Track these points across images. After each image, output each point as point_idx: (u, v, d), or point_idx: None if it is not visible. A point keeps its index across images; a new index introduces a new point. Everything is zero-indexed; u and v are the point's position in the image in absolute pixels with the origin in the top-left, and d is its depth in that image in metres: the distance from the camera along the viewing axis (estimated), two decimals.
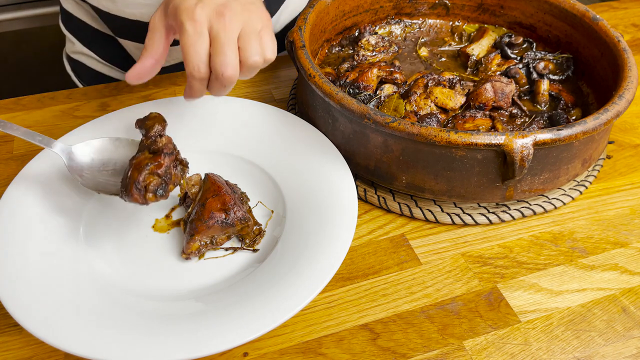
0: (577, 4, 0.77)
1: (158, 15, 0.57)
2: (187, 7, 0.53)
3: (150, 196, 0.52)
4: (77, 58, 0.96)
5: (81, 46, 0.93)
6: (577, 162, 0.63)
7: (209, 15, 0.53)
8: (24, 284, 0.52)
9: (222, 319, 0.50)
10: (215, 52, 0.53)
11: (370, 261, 0.61)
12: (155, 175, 0.53)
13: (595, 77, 0.75)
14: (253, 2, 0.57)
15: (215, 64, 0.53)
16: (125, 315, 0.51)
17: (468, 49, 0.81)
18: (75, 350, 0.47)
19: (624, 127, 0.78)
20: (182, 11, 0.53)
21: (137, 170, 0.53)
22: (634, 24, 1.00)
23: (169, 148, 0.55)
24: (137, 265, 0.57)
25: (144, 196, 0.52)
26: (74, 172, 0.58)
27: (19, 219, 0.57)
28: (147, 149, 0.55)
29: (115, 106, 0.80)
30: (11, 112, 0.79)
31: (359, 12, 0.83)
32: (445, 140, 0.57)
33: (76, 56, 0.96)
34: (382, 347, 0.53)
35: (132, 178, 0.52)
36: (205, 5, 0.53)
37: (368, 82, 0.71)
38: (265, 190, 0.64)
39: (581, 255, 0.62)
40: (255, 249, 0.59)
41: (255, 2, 0.57)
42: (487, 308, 0.57)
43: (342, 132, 0.65)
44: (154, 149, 0.55)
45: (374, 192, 0.67)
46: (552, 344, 0.54)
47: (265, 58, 0.56)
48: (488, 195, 0.62)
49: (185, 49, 0.53)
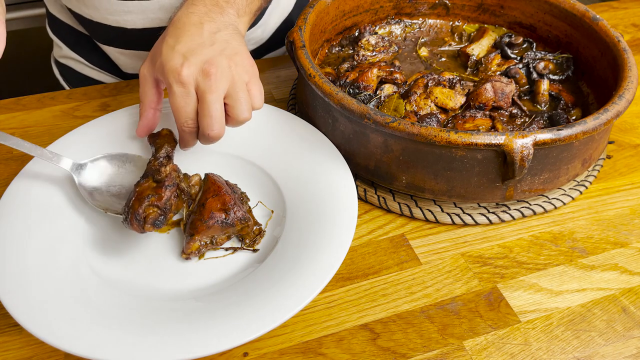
0: (577, 4, 0.77)
1: (147, 67, 0.60)
2: (174, 68, 0.54)
3: (148, 227, 0.54)
4: (65, 62, 0.96)
5: (68, 50, 0.93)
6: (577, 162, 0.63)
7: (195, 75, 0.54)
8: (24, 284, 0.52)
9: (222, 319, 0.50)
10: (202, 113, 0.55)
11: (370, 261, 0.61)
12: (155, 207, 0.54)
13: (595, 77, 0.75)
14: (237, 52, 0.57)
15: (202, 125, 0.55)
16: (125, 315, 0.51)
17: (468, 49, 0.81)
18: (75, 350, 0.47)
19: (624, 127, 0.78)
20: (168, 72, 0.55)
21: (139, 201, 0.54)
22: (634, 24, 1.00)
23: (171, 179, 0.57)
24: (137, 266, 0.57)
25: (142, 227, 0.54)
26: (84, 191, 0.60)
27: (19, 219, 0.57)
28: (151, 176, 0.57)
29: (115, 106, 0.80)
30: (11, 112, 0.79)
31: (359, 12, 0.83)
32: (445, 140, 0.57)
33: (64, 60, 0.95)
34: (382, 347, 0.54)
35: (133, 208, 0.54)
36: (191, 64, 0.54)
37: (368, 82, 0.71)
38: (265, 190, 0.64)
39: (581, 255, 0.62)
40: (255, 249, 0.59)
41: (239, 50, 0.58)
42: (487, 308, 0.57)
43: (342, 132, 0.65)
44: (158, 178, 0.57)
45: (374, 192, 0.67)
46: (552, 344, 0.54)
47: (254, 110, 0.58)
48: (488, 195, 0.62)
49: (174, 109, 0.56)
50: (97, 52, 0.91)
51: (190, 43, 0.56)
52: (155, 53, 0.59)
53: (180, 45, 0.56)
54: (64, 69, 0.97)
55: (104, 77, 0.93)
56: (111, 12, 0.80)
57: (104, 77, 0.93)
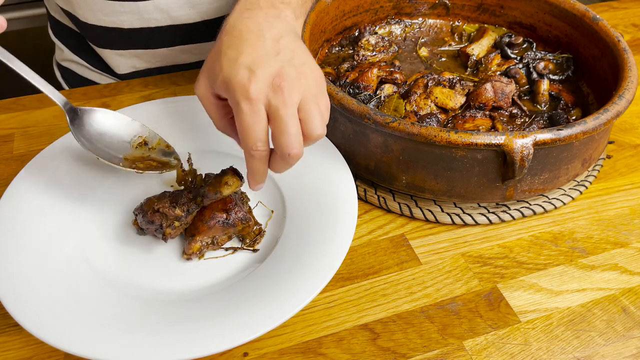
0: (577, 4, 0.77)
1: (203, 85, 0.54)
2: (240, 84, 0.48)
3: (161, 237, 0.56)
4: (66, 65, 0.96)
5: (70, 53, 0.93)
6: (577, 162, 0.63)
7: (265, 91, 0.48)
8: (24, 284, 0.52)
9: (222, 319, 0.50)
10: (278, 131, 0.48)
11: (370, 261, 0.61)
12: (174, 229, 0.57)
13: (595, 77, 0.75)
14: (304, 62, 0.52)
15: (280, 144, 0.49)
16: (125, 315, 0.51)
17: (468, 49, 0.81)
18: (75, 350, 0.47)
19: (624, 127, 0.78)
20: (235, 89, 0.49)
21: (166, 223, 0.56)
22: (634, 24, 1.00)
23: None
24: (137, 266, 0.57)
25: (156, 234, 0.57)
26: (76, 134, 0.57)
27: (19, 219, 0.57)
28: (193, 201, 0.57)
29: (115, 106, 0.80)
30: (11, 112, 0.79)
31: (359, 12, 0.83)
32: (445, 140, 0.57)
33: (65, 64, 0.96)
34: (382, 347, 0.54)
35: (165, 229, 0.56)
36: (259, 80, 0.48)
37: (368, 82, 0.71)
38: (265, 190, 0.64)
39: (581, 255, 0.62)
40: (256, 249, 0.59)
41: (306, 60, 0.52)
42: (487, 308, 0.57)
43: (342, 132, 0.65)
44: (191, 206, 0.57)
45: (374, 192, 0.67)
46: (552, 344, 0.54)
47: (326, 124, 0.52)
48: (488, 195, 0.62)
49: (242, 129, 0.49)
50: (98, 54, 0.91)
51: (253, 54, 0.50)
52: (212, 68, 0.52)
53: (243, 57, 0.50)
54: (65, 72, 0.97)
55: (105, 79, 0.94)
56: (106, 14, 0.80)
57: (105, 79, 0.94)
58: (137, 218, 0.57)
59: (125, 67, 0.89)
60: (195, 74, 0.87)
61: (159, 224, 0.55)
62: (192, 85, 0.83)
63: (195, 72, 0.86)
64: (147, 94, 0.83)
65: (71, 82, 0.96)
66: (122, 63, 0.89)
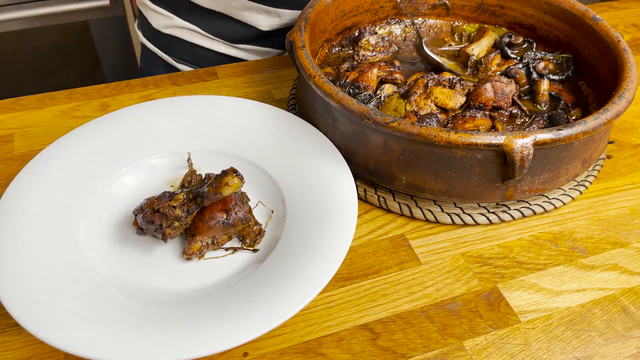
0: (577, 4, 0.77)
1: None
2: None
3: (161, 237, 0.57)
4: (171, 33, 0.96)
5: (180, 20, 0.94)
6: (577, 162, 0.63)
7: None
8: (24, 284, 0.52)
9: (222, 319, 0.50)
10: None
11: (370, 261, 0.61)
12: (174, 229, 0.57)
13: (595, 77, 0.75)
14: None
15: None
16: (125, 315, 0.51)
17: (468, 49, 0.81)
18: (75, 350, 0.47)
19: (624, 127, 0.78)
20: None
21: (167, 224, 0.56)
22: (634, 24, 1.00)
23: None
24: (137, 266, 0.57)
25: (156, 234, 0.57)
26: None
27: (19, 219, 0.57)
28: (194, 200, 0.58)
29: (115, 106, 0.80)
30: (11, 112, 0.79)
31: (359, 12, 0.83)
32: (445, 140, 0.57)
33: (170, 31, 0.96)
34: (382, 347, 0.54)
35: (165, 229, 0.56)
36: None
37: (368, 82, 0.71)
38: (265, 190, 0.65)
39: (581, 255, 0.62)
40: (256, 249, 0.59)
41: None
42: (487, 308, 0.57)
43: (342, 132, 0.65)
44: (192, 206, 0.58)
45: (374, 192, 0.67)
46: (552, 344, 0.54)
47: None
48: (488, 195, 0.62)
49: None
50: (215, 21, 0.92)
51: None
52: None
53: None
54: (169, 40, 0.97)
55: (217, 45, 0.95)
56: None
57: (217, 45, 0.95)
58: (137, 218, 0.57)
59: (266, 24, 0.91)
60: (195, 74, 0.87)
61: (159, 224, 0.56)
62: (192, 85, 0.84)
63: (195, 72, 0.86)
64: (147, 94, 0.83)
65: (174, 50, 0.97)
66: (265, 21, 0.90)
